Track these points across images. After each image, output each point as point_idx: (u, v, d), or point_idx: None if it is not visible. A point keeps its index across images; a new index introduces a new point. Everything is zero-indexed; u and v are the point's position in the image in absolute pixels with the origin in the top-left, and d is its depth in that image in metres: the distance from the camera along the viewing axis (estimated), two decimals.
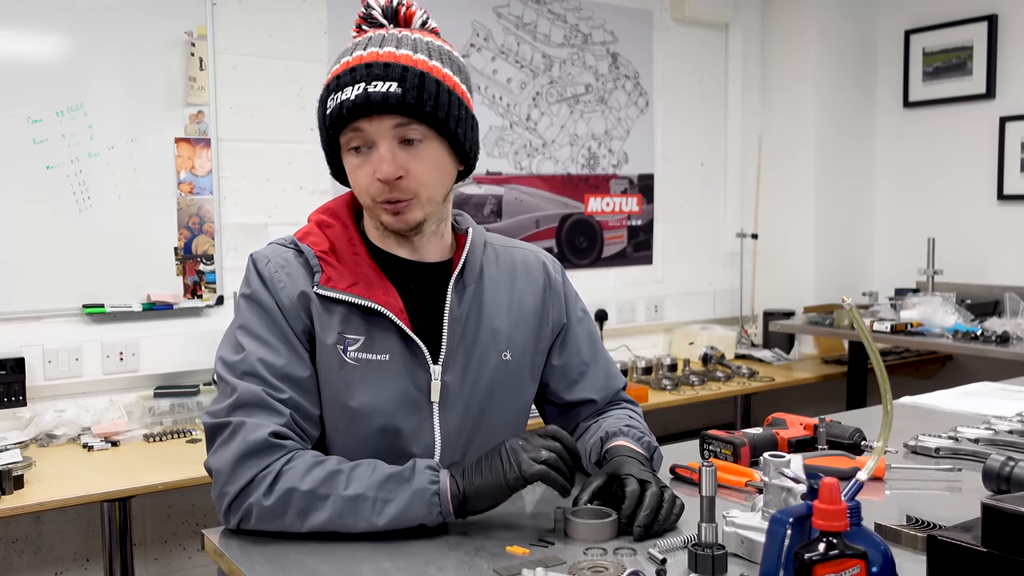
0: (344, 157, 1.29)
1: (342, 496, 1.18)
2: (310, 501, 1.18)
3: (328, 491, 1.18)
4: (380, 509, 1.18)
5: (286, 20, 3.07)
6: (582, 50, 3.79)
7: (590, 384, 1.50)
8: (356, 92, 1.22)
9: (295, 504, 1.18)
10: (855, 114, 4.21)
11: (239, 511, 1.21)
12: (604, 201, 3.89)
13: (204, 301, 2.93)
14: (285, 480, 1.19)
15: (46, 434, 2.56)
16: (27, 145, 2.64)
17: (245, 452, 1.20)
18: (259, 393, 1.23)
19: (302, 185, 3.13)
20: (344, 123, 1.24)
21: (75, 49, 2.71)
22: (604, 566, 1.08)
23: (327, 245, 1.33)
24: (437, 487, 1.18)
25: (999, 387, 2.19)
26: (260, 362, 1.25)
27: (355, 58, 1.26)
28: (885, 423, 0.96)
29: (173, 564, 2.97)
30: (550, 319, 1.47)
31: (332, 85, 1.26)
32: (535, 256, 1.50)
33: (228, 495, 1.21)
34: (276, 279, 1.29)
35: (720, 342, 3.90)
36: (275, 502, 1.18)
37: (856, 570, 0.84)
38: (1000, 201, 3.82)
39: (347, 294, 1.29)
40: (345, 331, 1.29)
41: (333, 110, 1.24)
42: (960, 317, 3.37)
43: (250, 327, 1.28)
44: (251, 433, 1.20)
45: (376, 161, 1.25)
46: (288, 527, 1.19)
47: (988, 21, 3.79)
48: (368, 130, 1.24)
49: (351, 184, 1.31)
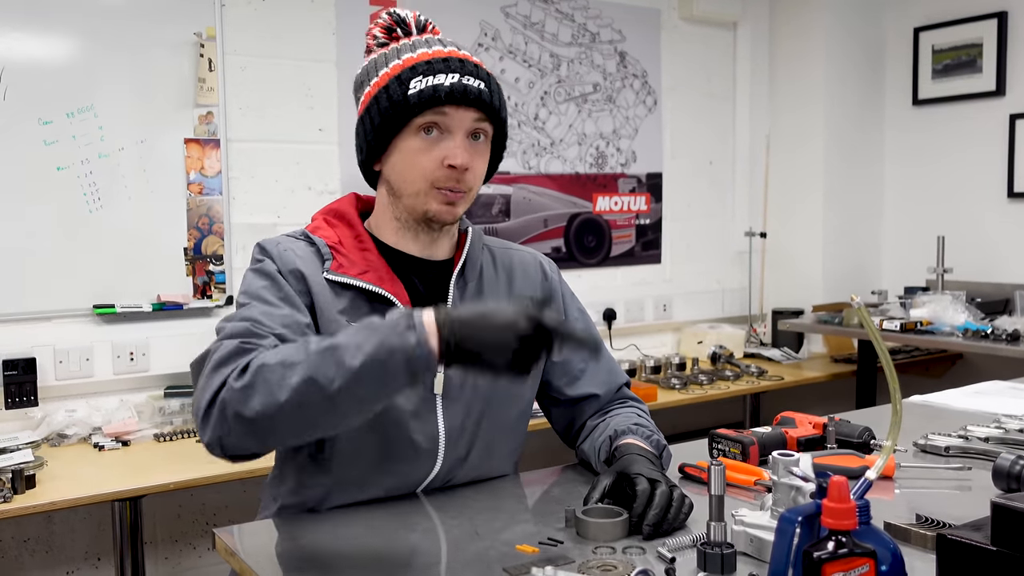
0: (404, 140, 1.32)
1: (314, 351, 1.09)
2: (284, 369, 1.09)
3: (299, 357, 1.10)
4: (354, 352, 1.06)
5: (295, 21, 3.08)
6: (590, 49, 3.79)
7: (592, 379, 1.52)
8: (451, 80, 1.29)
9: (267, 376, 1.10)
10: (864, 112, 4.20)
11: (213, 413, 1.14)
12: (612, 200, 3.88)
13: (214, 301, 2.94)
14: (255, 362, 1.13)
15: (57, 434, 2.57)
16: (38, 146, 2.65)
17: (217, 363, 1.17)
18: (247, 327, 1.23)
19: (311, 185, 3.14)
20: (432, 105, 1.28)
21: (85, 51, 2.72)
22: (613, 565, 1.08)
23: (336, 239, 1.37)
24: (411, 316, 1.08)
25: (1009, 386, 2.19)
26: (260, 312, 1.26)
27: (437, 52, 1.33)
28: (894, 422, 0.96)
29: (184, 563, 2.99)
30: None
31: (422, 69, 1.30)
32: (532, 257, 1.54)
33: (202, 404, 1.15)
34: (285, 255, 1.33)
35: (729, 341, 3.89)
36: (248, 379, 1.11)
37: (865, 569, 0.84)
38: (1010, 199, 3.80)
39: (358, 280, 1.32)
40: (353, 319, 1.29)
41: (425, 90, 1.28)
42: (970, 315, 3.36)
43: (252, 291, 1.30)
44: (225, 349, 1.19)
45: (448, 148, 1.30)
46: (264, 402, 1.09)
47: (998, 18, 3.77)
48: (451, 117, 1.30)
49: (407, 167, 1.33)
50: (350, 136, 3.52)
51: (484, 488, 1.41)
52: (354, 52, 3.18)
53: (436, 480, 1.37)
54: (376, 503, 1.33)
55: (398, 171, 1.34)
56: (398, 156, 1.33)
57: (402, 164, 1.33)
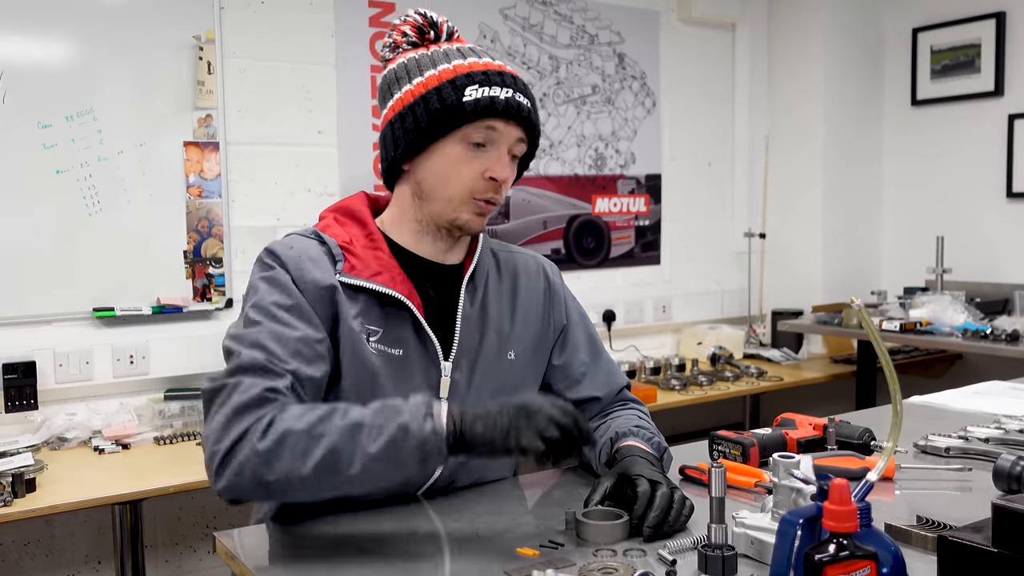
0: (447, 145, 1.31)
1: (338, 427, 1.14)
2: (308, 441, 1.13)
3: (324, 429, 1.14)
4: (375, 435, 1.12)
5: (293, 23, 3.08)
6: (589, 51, 3.79)
7: (592, 382, 1.53)
8: (506, 95, 1.30)
9: (292, 444, 1.13)
10: (863, 112, 4.20)
11: (231, 465, 1.15)
12: (611, 201, 3.89)
13: (213, 304, 2.94)
14: (280, 423, 1.15)
15: (57, 437, 2.57)
16: (37, 150, 2.65)
17: (238, 407, 1.17)
18: (261, 359, 1.21)
19: (310, 188, 3.14)
20: (487, 116, 1.29)
21: (84, 54, 2.72)
22: (614, 567, 1.08)
23: (347, 238, 1.35)
24: (434, 409, 1.14)
25: (1009, 386, 2.19)
26: (270, 334, 1.24)
27: (489, 63, 1.33)
28: (895, 423, 0.96)
29: (184, 566, 2.99)
30: (551, 321, 1.51)
31: (479, 78, 1.30)
32: (535, 260, 1.55)
33: (220, 451, 1.16)
34: (299, 262, 1.30)
35: (728, 342, 3.89)
36: (272, 444, 1.13)
37: (866, 571, 0.84)
38: (1009, 199, 3.80)
39: (371, 282, 1.31)
40: (366, 322, 1.30)
41: (483, 100, 1.28)
42: (969, 316, 3.36)
43: (263, 304, 1.27)
44: (246, 391, 1.18)
45: (492, 160, 1.31)
46: (287, 470, 1.13)
47: (996, 18, 3.78)
48: (501, 132, 1.31)
49: (446, 174, 1.32)
50: (349, 138, 3.51)
51: (485, 491, 1.41)
52: (353, 55, 3.18)
53: (438, 483, 1.37)
54: (377, 506, 1.33)
55: (435, 175, 1.33)
56: (438, 161, 1.32)
57: (441, 169, 1.32)
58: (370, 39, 3.20)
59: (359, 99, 3.20)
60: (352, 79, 3.19)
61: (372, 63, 3.21)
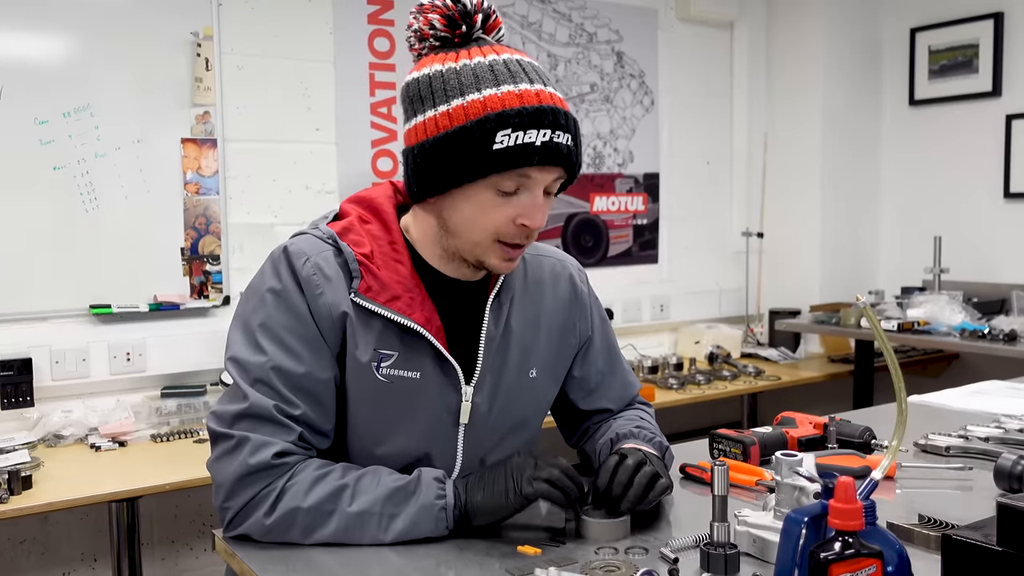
0: (475, 190, 1.19)
1: (347, 512, 1.16)
2: (314, 518, 1.16)
3: (332, 507, 1.16)
4: (387, 525, 1.17)
5: (292, 20, 3.07)
6: (587, 49, 3.79)
7: (606, 394, 1.50)
8: (544, 139, 1.16)
9: (299, 522, 1.16)
10: (861, 112, 4.20)
11: (240, 527, 1.19)
12: (610, 200, 3.88)
13: (211, 301, 2.93)
14: (288, 499, 1.16)
15: (53, 434, 2.56)
16: (34, 146, 2.64)
17: (247, 471, 1.16)
18: (269, 408, 1.18)
19: (308, 185, 3.13)
20: (520, 165, 1.16)
21: (82, 50, 2.71)
22: (616, 565, 1.07)
23: (368, 248, 1.25)
24: (444, 502, 1.18)
25: (1008, 385, 2.19)
26: (276, 371, 1.20)
27: (525, 93, 1.17)
28: (900, 422, 0.96)
29: (181, 564, 2.98)
30: (576, 331, 1.45)
31: (512, 121, 1.15)
32: (562, 265, 1.46)
33: (230, 510, 1.19)
34: (313, 282, 1.22)
35: (726, 341, 3.89)
36: (277, 520, 1.16)
37: (872, 569, 0.84)
38: (1007, 199, 3.81)
39: (387, 309, 1.22)
40: (380, 346, 1.24)
41: (515, 149, 1.15)
42: (967, 315, 3.36)
43: (272, 328, 1.21)
44: (255, 452, 1.16)
45: (524, 207, 1.20)
46: (292, 540, 1.18)
47: (994, 19, 3.78)
48: (536, 178, 1.19)
49: (473, 218, 1.21)
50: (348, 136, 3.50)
51: None
52: (352, 52, 3.17)
53: None
54: None
55: (461, 216, 1.21)
56: (465, 204, 1.20)
57: (469, 213, 1.20)
58: (369, 36, 3.19)
59: (358, 96, 3.19)
60: (351, 76, 3.18)
61: (371, 60, 3.20)
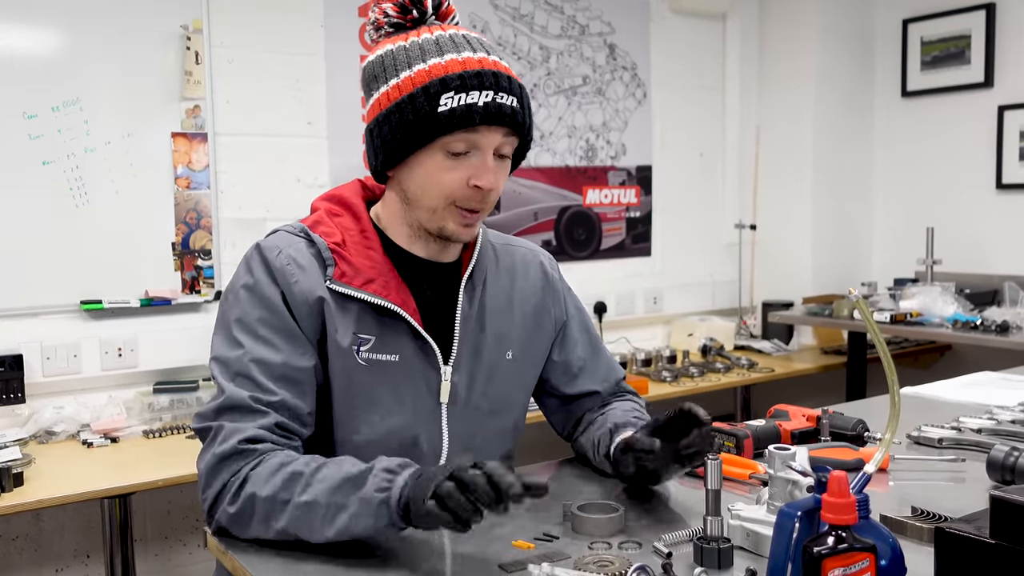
0: (426, 155, 1.24)
1: (295, 503, 1.13)
2: (271, 506, 1.15)
3: (287, 496, 1.14)
4: (331, 518, 1.11)
5: (282, 13, 3.05)
6: (579, 41, 3.77)
7: (591, 377, 1.51)
8: (486, 99, 1.21)
9: (257, 511, 1.16)
10: (853, 104, 4.20)
11: (214, 517, 1.20)
12: (602, 193, 3.88)
13: (202, 296, 2.91)
14: (248, 486, 1.16)
15: (45, 431, 2.55)
16: (23, 140, 2.62)
17: (219, 458, 1.18)
18: (244, 398, 1.20)
19: (299, 178, 3.11)
20: (464, 126, 1.21)
21: (70, 43, 2.69)
22: (610, 560, 1.07)
23: (339, 237, 1.29)
24: (386, 495, 1.09)
25: (1000, 377, 2.19)
26: (255, 363, 1.22)
27: (467, 60, 1.23)
28: (893, 414, 0.96)
29: (174, 560, 2.97)
30: (551, 317, 1.48)
31: (454, 84, 1.20)
32: (533, 254, 1.51)
33: (206, 501, 1.21)
34: (288, 272, 1.25)
35: (719, 333, 3.89)
36: (239, 509, 1.17)
37: (865, 563, 0.84)
38: (999, 190, 3.81)
39: (363, 292, 1.26)
40: (359, 330, 1.26)
41: (458, 110, 1.20)
42: (959, 307, 3.37)
43: (248, 322, 1.24)
44: (225, 440, 1.19)
45: (475, 168, 1.24)
46: (256, 533, 1.17)
47: (986, 10, 3.78)
48: (483, 137, 1.23)
49: (427, 183, 1.25)
50: (339, 129, 3.48)
51: None
52: (343, 44, 3.16)
53: None
54: None
55: (417, 184, 1.27)
56: (419, 170, 1.25)
57: (423, 179, 1.26)
58: (360, 28, 3.17)
59: (349, 89, 3.17)
60: (341, 69, 3.16)
61: (362, 53, 3.18)
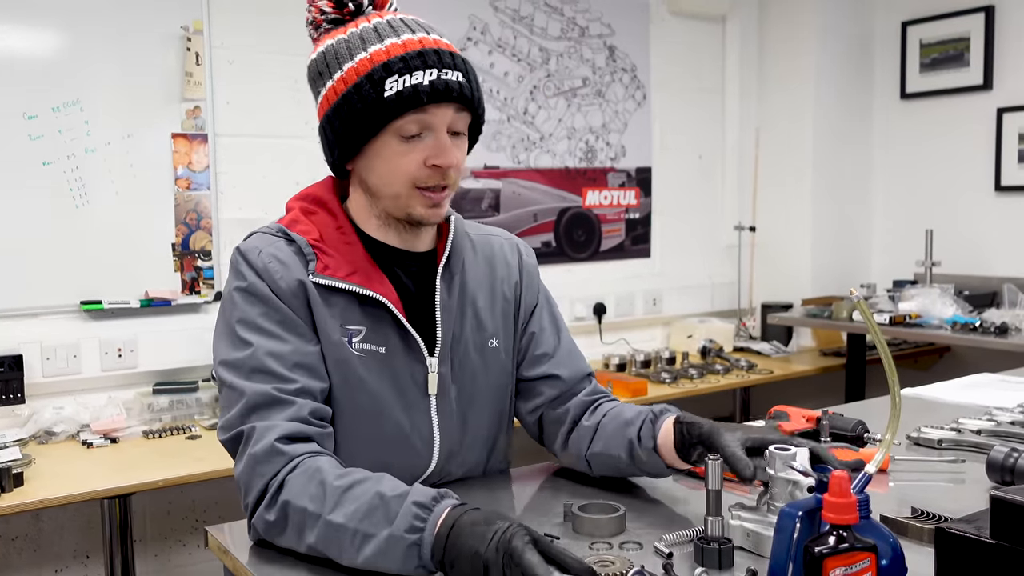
0: (380, 143, 1.24)
1: (326, 521, 1.10)
2: (304, 518, 1.12)
3: (319, 510, 1.10)
4: (359, 546, 1.07)
5: (282, 14, 3.05)
6: (579, 43, 3.78)
7: (556, 362, 1.47)
8: (430, 77, 1.21)
9: (291, 519, 1.13)
10: (853, 106, 4.21)
11: (254, 524, 1.18)
12: (602, 194, 3.88)
13: (202, 297, 2.91)
14: (284, 492, 1.14)
15: (45, 431, 2.55)
16: (23, 141, 2.62)
17: (256, 460, 1.16)
18: (269, 392, 1.19)
19: (299, 180, 3.09)
20: (412, 107, 1.20)
21: (71, 44, 2.69)
22: (610, 560, 1.07)
23: (317, 233, 1.29)
24: (418, 536, 1.03)
25: (1000, 378, 2.19)
26: (268, 355, 1.21)
27: (408, 42, 1.23)
28: (894, 415, 0.96)
29: (173, 560, 2.97)
30: (523, 302, 1.48)
31: (397, 67, 1.20)
32: (509, 242, 1.51)
33: (248, 508, 1.19)
34: (272, 269, 1.25)
35: (718, 335, 3.90)
36: (276, 517, 1.14)
37: (866, 563, 0.84)
38: (998, 192, 3.82)
39: (347, 283, 1.26)
40: (346, 323, 1.27)
41: (404, 91, 1.20)
42: (958, 308, 3.37)
43: (250, 320, 1.24)
44: (259, 440, 1.17)
45: (431, 148, 1.23)
46: (290, 544, 1.14)
47: (985, 12, 3.79)
48: (434, 116, 1.22)
49: (386, 171, 1.25)
50: None
51: (479, 483, 1.40)
52: None
53: (431, 477, 1.36)
54: None
55: (376, 174, 1.26)
56: (375, 159, 1.25)
57: (380, 167, 1.25)
58: None
59: None
60: None
61: None
